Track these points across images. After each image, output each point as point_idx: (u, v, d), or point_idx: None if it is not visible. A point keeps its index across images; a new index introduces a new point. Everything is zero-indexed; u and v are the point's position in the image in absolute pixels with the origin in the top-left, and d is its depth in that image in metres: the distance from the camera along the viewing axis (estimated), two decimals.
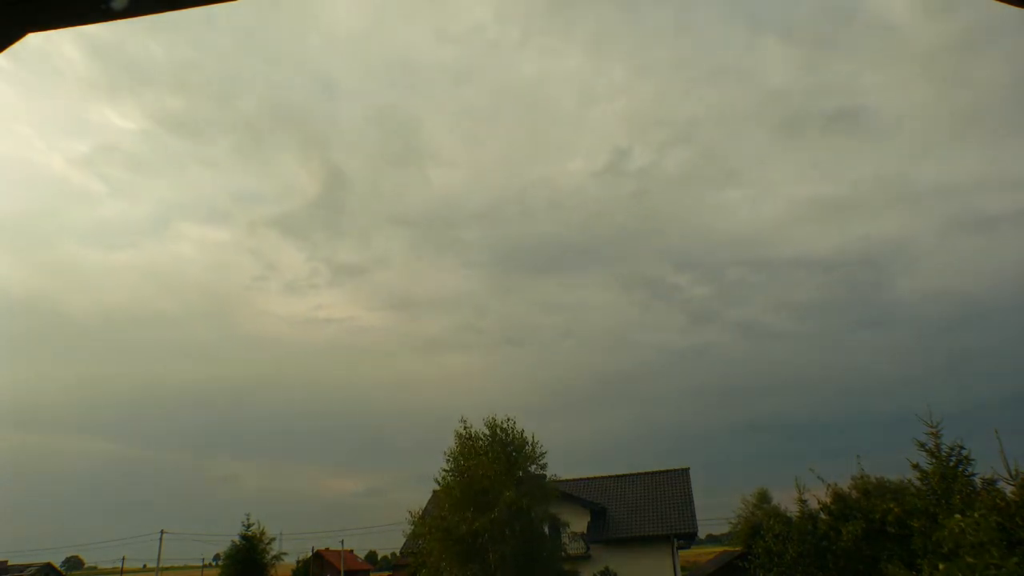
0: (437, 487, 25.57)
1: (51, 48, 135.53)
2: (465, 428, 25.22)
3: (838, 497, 19.55)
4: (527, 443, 24.94)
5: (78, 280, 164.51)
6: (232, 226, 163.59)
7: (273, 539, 37.92)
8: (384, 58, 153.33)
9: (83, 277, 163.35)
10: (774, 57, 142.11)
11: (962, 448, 17.09)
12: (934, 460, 17.27)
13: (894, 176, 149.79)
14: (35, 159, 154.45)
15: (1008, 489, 14.57)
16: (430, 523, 23.98)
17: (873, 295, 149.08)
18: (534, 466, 25.15)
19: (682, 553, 40.57)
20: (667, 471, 38.61)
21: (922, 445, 17.60)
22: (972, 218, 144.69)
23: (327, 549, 73.87)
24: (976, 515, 12.36)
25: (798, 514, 20.70)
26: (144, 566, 74.92)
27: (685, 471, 38.12)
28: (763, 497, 55.59)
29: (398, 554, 41.87)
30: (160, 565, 63.47)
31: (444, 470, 24.89)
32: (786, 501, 44.25)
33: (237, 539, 37.03)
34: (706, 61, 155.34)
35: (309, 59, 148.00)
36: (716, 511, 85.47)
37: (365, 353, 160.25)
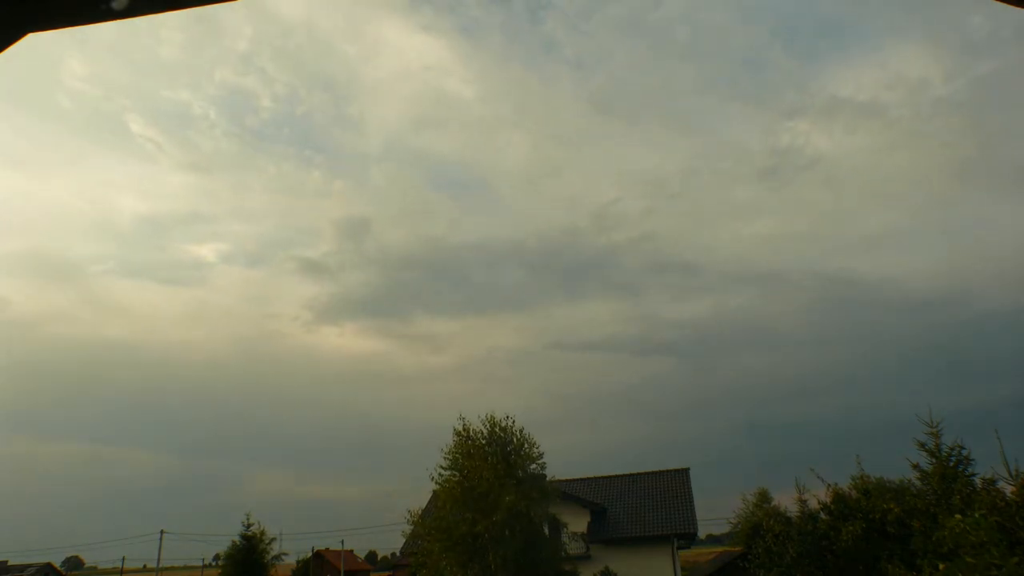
0: (436, 487, 25.24)
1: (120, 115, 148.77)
2: (464, 427, 24.76)
3: (838, 497, 19.54)
4: (526, 442, 24.56)
5: (116, 310, 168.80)
6: (264, 266, 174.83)
7: (273, 539, 37.78)
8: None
9: (127, 309, 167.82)
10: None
11: (962, 448, 17.11)
12: (934, 460, 17.28)
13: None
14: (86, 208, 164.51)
15: (1008, 489, 14.59)
16: (430, 523, 23.85)
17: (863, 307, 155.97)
18: (534, 466, 24.94)
19: (682, 553, 40.56)
20: (667, 471, 38.60)
21: (922, 445, 17.62)
22: None
23: (327, 549, 73.86)
24: (976, 515, 12.37)
25: (798, 514, 20.69)
26: (144, 566, 74.92)
27: (685, 471, 38.12)
28: (763, 497, 55.47)
29: (398, 554, 41.87)
30: (160, 565, 63.53)
31: (441, 468, 24.47)
32: (786, 501, 44.21)
33: (237, 539, 36.97)
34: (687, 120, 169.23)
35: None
36: (716, 511, 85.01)
37: (379, 376, 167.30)
